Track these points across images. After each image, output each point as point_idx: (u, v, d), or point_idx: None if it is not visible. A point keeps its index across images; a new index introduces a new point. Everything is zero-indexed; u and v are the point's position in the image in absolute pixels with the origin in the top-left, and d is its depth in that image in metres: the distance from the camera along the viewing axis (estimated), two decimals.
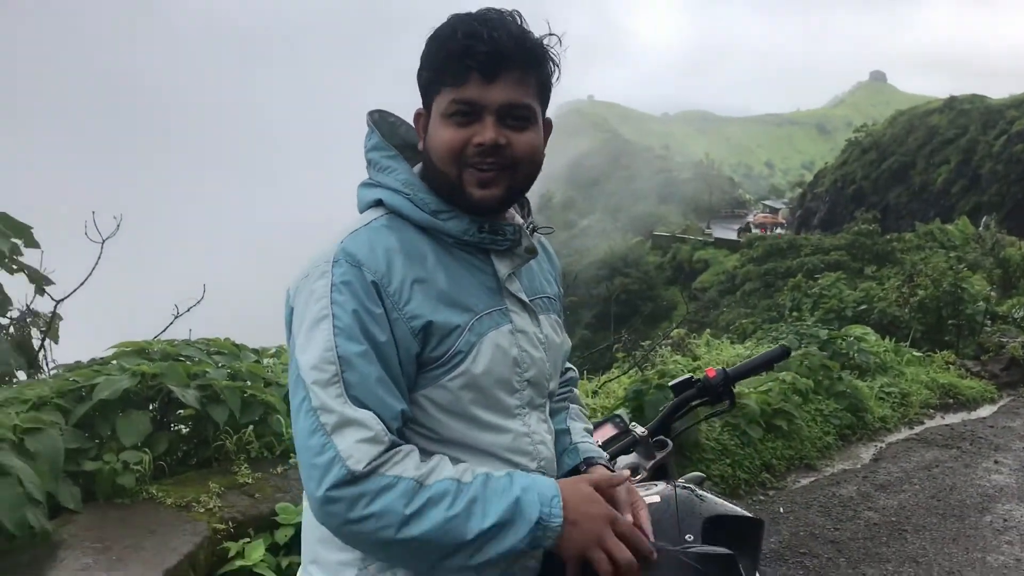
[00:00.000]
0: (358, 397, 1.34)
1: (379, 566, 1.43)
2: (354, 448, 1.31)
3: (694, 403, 2.42)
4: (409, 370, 1.43)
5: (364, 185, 1.57)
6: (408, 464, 1.34)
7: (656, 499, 1.98)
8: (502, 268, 1.55)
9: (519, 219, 1.64)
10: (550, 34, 1.50)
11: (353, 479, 1.29)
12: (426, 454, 1.41)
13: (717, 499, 2.10)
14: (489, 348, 1.48)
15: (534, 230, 1.64)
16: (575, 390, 1.98)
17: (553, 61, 1.51)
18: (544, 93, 1.52)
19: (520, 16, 1.48)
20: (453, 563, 1.35)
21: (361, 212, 1.55)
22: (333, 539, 1.42)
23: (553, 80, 1.53)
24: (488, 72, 1.42)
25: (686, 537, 1.88)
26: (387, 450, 1.33)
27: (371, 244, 1.43)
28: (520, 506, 1.34)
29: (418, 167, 1.56)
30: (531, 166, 1.52)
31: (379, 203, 1.53)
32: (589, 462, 1.75)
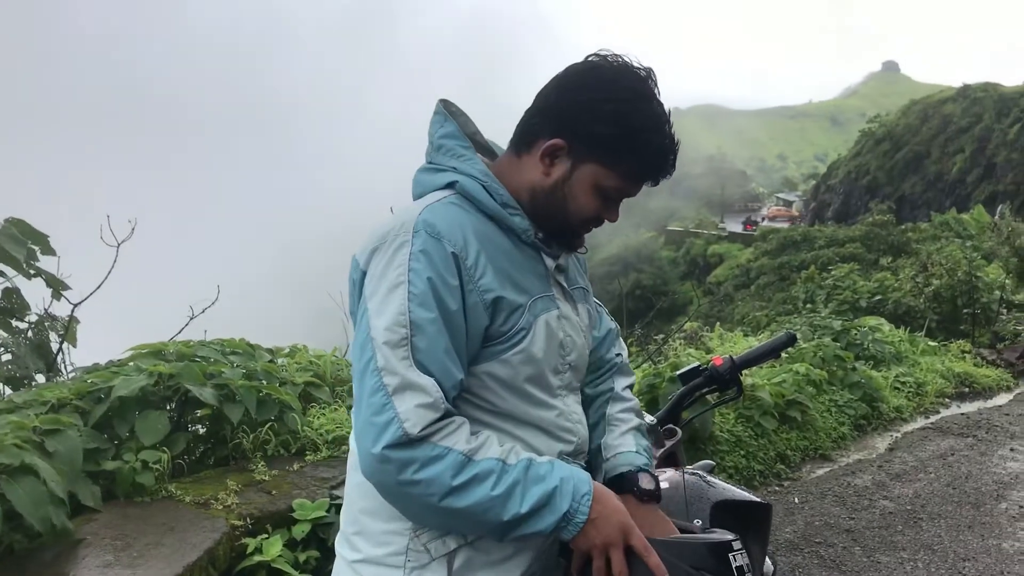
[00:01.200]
0: (423, 363, 1.39)
1: (430, 535, 1.48)
2: (412, 412, 1.36)
3: (702, 391, 2.44)
4: (475, 343, 1.49)
5: (429, 169, 1.62)
6: (459, 436, 1.40)
7: (665, 485, 2.01)
8: (549, 261, 1.63)
9: None
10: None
11: (408, 442, 1.35)
12: (478, 424, 1.50)
13: (726, 485, 2.13)
14: (543, 329, 1.56)
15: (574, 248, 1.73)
16: (620, 380, 1.92)
17: None
18: None
19: None
20: (481, 534, 1.47)
21: (420, 195, 1.60)
22: (382, 509, 1.49)
23: None
24: (655, 182, 1.61)
25: (695, 521, 1.92)
26: (442, 418, 1.39)
27: (449, 218, 1.49)
28: (554, 496, 1.42)
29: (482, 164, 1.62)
30: None
31: (450, 186, 1.57)
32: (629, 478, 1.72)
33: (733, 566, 1.59)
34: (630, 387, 1.93)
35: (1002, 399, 8.23)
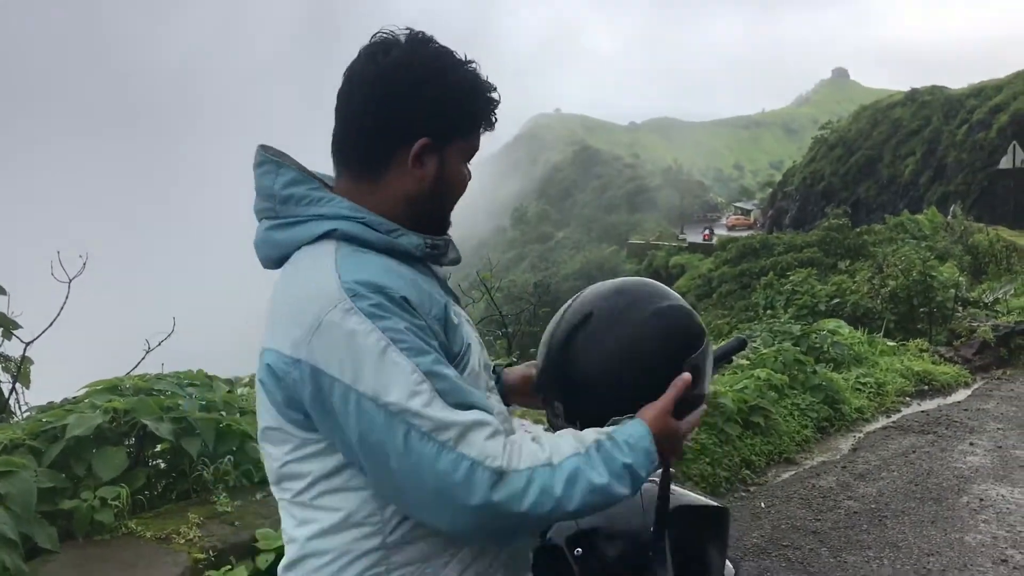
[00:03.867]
0: (457, 403, 1.32)
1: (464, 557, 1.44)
2: (485, 447, 1.29)
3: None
4: None
5: (282, 226, 1.48)
6: (527, 450, 1.34)
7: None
8: (439, 272, 1.62)
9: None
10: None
11: (501, 475, 1.28)
12: None
13: (684, 491, 2.14)
14: (475, 351, 1.54)
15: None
16: None
17: None
18: None
19: None
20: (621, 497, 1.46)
21: (281, 258, 1.49)
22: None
23: None
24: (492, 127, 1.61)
25: (651, 528, 1.93)
26: (506, 438, 1.34)
27: (363, 265, 1.39)
28: (646, 434, 1.47)
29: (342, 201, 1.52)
30: None
31: (325, 236, 1.44)
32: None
33: None
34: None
35: (960, 395, 8.37)
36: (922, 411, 7.69)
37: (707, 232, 80.00)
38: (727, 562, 2.18)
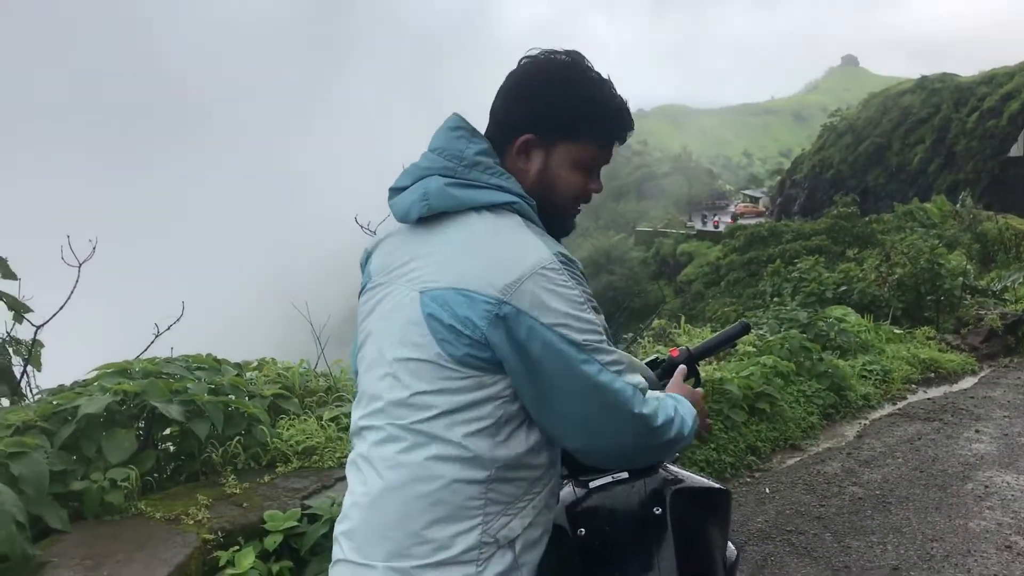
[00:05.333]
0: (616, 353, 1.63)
1: (499, 524, 1.57)
2: (635, 378, 1.62)
3: (661, 383, 2.48)
4: None
5: (464, 185, 1.65)
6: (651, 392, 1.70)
7: (625, 475, 2.04)
8: None
9: None
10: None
11: (644, 393, 1.64)
12: None
13: (687, 473, 2.17)
14: None
15: None
16: None
17: None
18: None
19: None
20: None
21: (452, 208, 1.63)
22: (452, 514, 1.53)
23: None
24: (623, 140, 1.76)
25: (654, 510, 1.95)
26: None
27: (555, 244, 1.63)
28: (689, 433, 1.76)
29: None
30: None
31: (506, 205, 1.64)
32: None
33: None
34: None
35: (967, 383, 8.36)
36: (928, 398, 7.69)
37: (716, 219, 79.93)
38: (729, 543, 2.20)
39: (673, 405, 1.73)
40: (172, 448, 3.91)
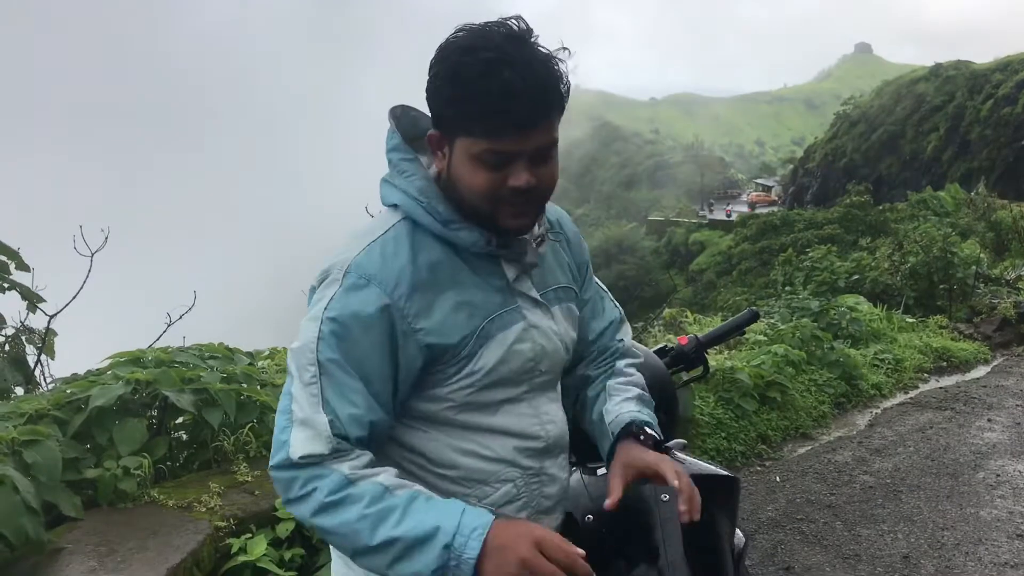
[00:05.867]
0: (328, 400, 1.43)
1: None
2: (302, 443, 1.41)
3: (670, 371, 2.49)
4: (408, 380, 1.52)
5: (384, 182, 1.60)
6: (348, 464, 1.42)
7: None
8: (510, 271, 1.61)
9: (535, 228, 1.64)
10: (562, 48, 1.49)
11: (291, 464, 1.42)
12: (423, 431, 1.60)
13: (695, 460, 2.18)
14: (499, 347, 1.56)
15: (542, 240, 1.66)
16: (623, 360, 1.93)
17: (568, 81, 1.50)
18: (562, 113, 1.51)
19: (537, 43, 1.46)
20: (371, 567, 1.44)
21: (384, 205, 1.62)
22: None
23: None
24: (526, 127, 1.43)
25: (662, 497, 1.95)
26: (332, 452, 1.42)
27: (383, 256, 1.49)
28: (437, 530, 1.35)
29: (434, 170, 1.58)
30: (554, 188, 1.57)
31: (395, 207, 1.58)
32: (623, 436, 1.74)
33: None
34: (635, 366, 1.92)
35: (980, 372, 8.33)
36: (940, 387, 7.67)
37: (728, 208, 79.77)
38: (737, 531, 2.21)
39: (380, 491, 1.39)
40: (184, 436, 3.93)
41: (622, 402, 1.79)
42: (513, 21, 1.45)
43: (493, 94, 1.39)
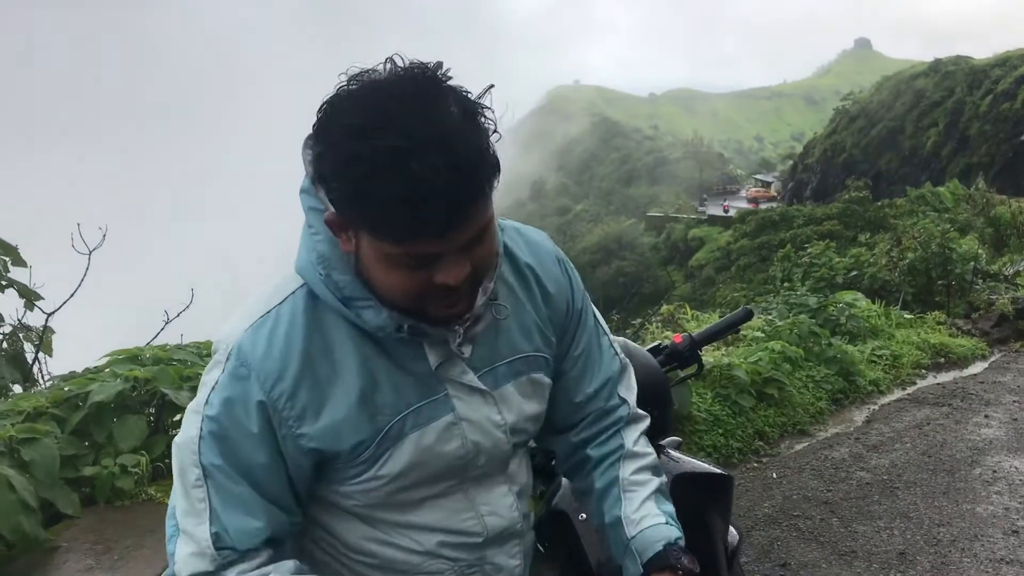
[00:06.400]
0: (215, 510, 1.25)
1: None
2: (186, 560, 1.27)
3: (664, 369, 2.49)
4: (303, 479, 1.32)
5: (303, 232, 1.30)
6: (236, 570, 1.26)
7: None
8: (433, 356, 1.31)
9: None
10: (487, 90, 1.18)
11: None
12: (339, 525, 1.40)
13: (689, 459, 2.18)
14: (411, 449, 1.31)
15: (476, 320, 1.32)
16: (631, 433, 1.61)
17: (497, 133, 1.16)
18: (497, 181, 1.18)
19: (452, 95, 1.12)
20: None
21: None
22: None
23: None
24: (448, 229, 1.12)
25: None
26: (219, 567, 1.26)
27: (270, 339, 1.24)
28: None
29: None
30: (496, 261, 1.29)
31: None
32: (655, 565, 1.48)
33: None
34: (644, 433, 1.63)
35: (977, 368, 8.34)
36: (938, 383, 7.67)
37: (726, 204, 79.91)
38: (731, 528, 2.22)
39: None
40: None
41: (642, 505, 1.52)
42: (417, 70, 1.13)
43: (399, 198, 1.07)
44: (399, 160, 1.05)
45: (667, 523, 1.51)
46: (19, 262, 4.32)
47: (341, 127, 1.09)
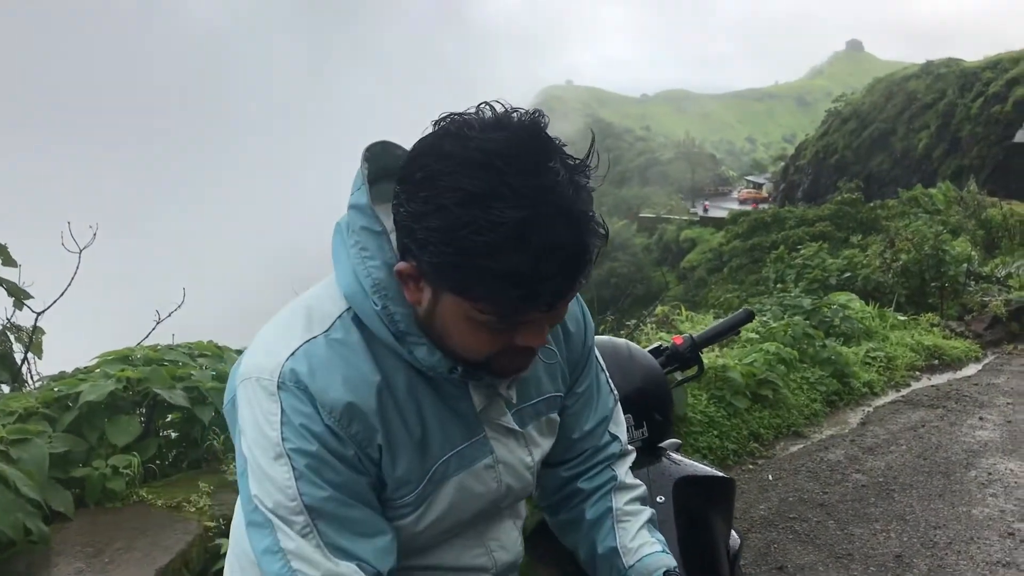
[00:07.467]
0: (338, 546, 1.15)
1: None
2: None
3: (664, 370, 2.47)
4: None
5: (338, 238, 1.23)
6: None
7: None
8: (478, 397, 1.28)
9: None
10: (590, 152, 1.18)
11: None
12: None
13: (690, 461, 2.16)
14: (451, 492, 1.29)
15: None
16: (621, 466, 1.61)
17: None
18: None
19: (566, 162, 1.09)
20: None
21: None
22: None
23: None
24: (556, 303, 1.10)
25: (657, 499, 1.94)
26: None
27: (325, 367, 1.15)
28: None
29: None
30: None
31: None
32: None
33: None
34: (630, 464, 1.64)
35: (971, 369, 8.35)
36: (932, 385, 7.68)
37: (706, 203, 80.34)
38: (732, 531, 2.20)
39: None
40: (174, 435, 3.90)
41: (637, 534, 1.52)
42: (520, 122, 1.06)
43: (517, 273, 1.01)
44: (520, 234, 1.00)
45: (663, 551, 1.51)
46: (9, 261, 4.26)
47: (451, 190, 1.01)
